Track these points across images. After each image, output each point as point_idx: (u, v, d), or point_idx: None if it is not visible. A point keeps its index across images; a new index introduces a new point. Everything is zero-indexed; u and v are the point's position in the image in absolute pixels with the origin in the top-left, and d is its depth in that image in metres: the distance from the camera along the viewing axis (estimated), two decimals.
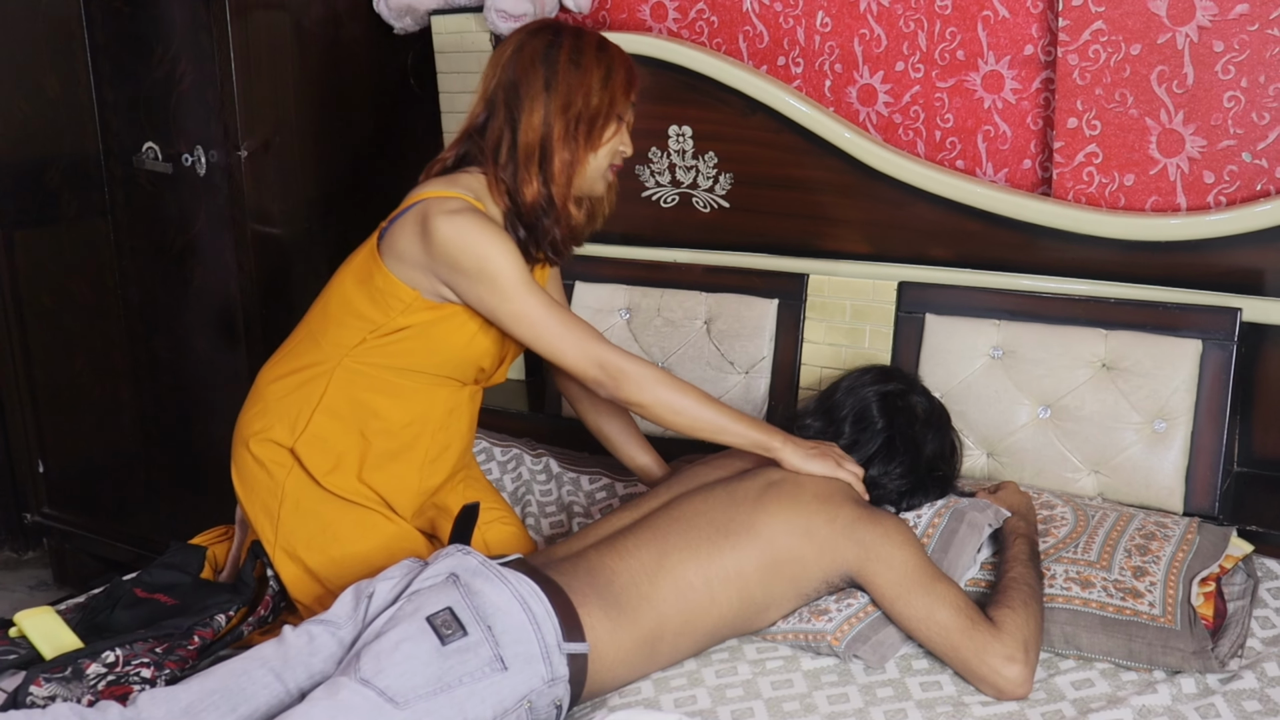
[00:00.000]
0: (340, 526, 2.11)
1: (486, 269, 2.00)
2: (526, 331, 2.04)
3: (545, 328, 2.03)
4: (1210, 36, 2.24)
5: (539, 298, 2.03)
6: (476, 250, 2.00)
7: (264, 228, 3.05)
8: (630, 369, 2.02)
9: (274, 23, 2.99)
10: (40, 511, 3.58)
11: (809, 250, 2.63)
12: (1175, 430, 2.23)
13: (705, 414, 2.03)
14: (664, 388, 2.02)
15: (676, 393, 2.03)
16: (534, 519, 2.47)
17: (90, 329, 3.45)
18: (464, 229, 2.00)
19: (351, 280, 2.13)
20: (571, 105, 2.05)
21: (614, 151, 2.13)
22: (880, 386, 2.15)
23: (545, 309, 2.02)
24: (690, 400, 2.03)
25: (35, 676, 1.83)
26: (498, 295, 2.02)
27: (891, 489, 2.08)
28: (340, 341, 2.11)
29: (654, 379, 2.03)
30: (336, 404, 2.11)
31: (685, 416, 2.03)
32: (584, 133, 2.07)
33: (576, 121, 2.06)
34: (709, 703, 1.78)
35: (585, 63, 2.07)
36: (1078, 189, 2.41)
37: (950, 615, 1.82)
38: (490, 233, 2.01)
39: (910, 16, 2.56)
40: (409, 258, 2.05)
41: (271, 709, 1.73)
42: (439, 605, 1.72)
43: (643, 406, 2.03)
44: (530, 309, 2.02)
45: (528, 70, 2.06)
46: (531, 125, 2.06)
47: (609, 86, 2.08)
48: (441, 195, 2.05)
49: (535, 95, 2.06)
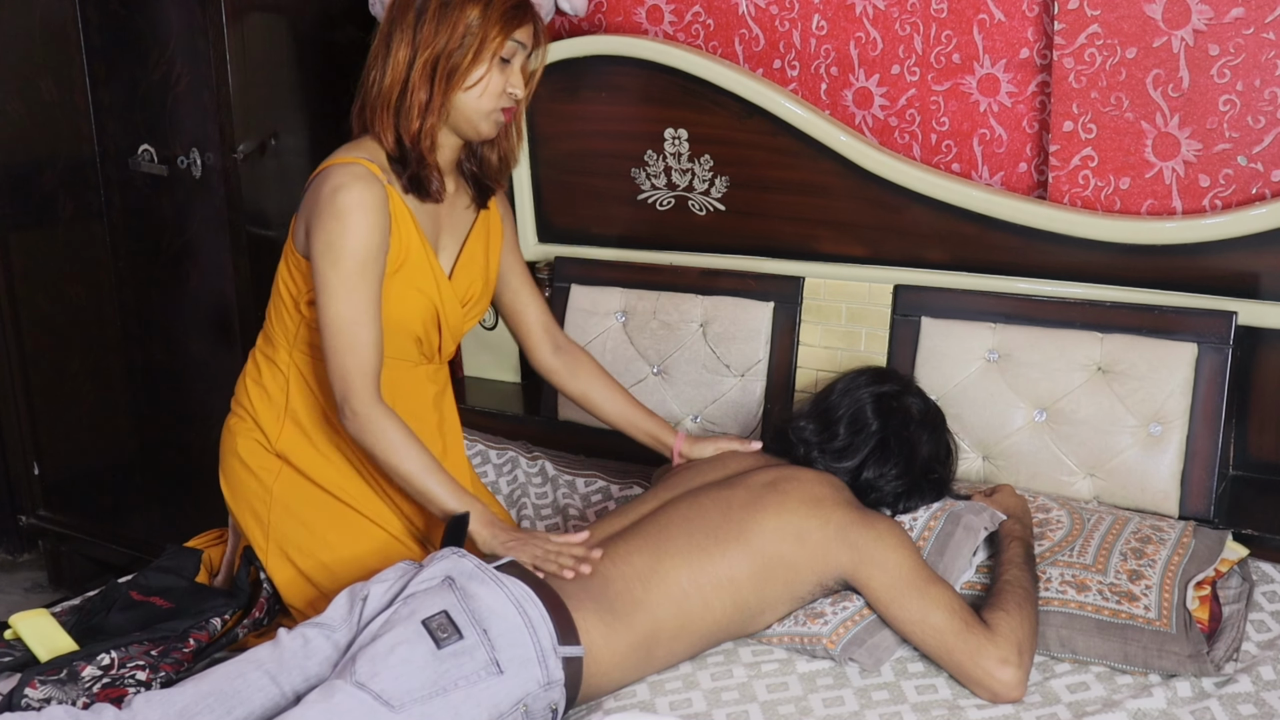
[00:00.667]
0: (330, 532, 2.11)
1: (329, 250, 1.97)
2: (321, 327, 2.00)
3: (334, 334, 1.98)
4: (1206, 40, 2.24)
5: (348, 306, 1.97)
6: (332, 226, 1.97)
7: (260, 230, 3.05)
8: (367, 414, 1.97)
9: (270, 25, 2.99)
10: (35, 514, 3.58)
11: (805, 253, 2.63)
12: (1171, 434, 2.23)
13: (420, 480, 1.97)
14: (392, 445, 1.97)
15: (399, 454, 1.97)
16: (529, 522, 2.47)
17: (86, 331, 3.44)
18: (338, 202, 1.97)
19: (281, 264, 2.14)
20: (432, 45, 2.02)
21: (499, 93, 2.07)
22: (875, 388, 2.15)
23: (346, 318, 1.98)
24: (412, 462, 1.97)
25: (30, 679, 1.82)
26: (321, 280, 1.98)
27: (887, 491, 2.07)
28: (284, 331, 2.13)
29: (385, 431, 1.97)
30: (301, 404, 2.13)
31: (398, 474, 1.99)
32: (445, 73, 2.03)
33: (437, 61, 2.02)
34: (704, 706, 1.78)
35: (457, 1, 2.03)
36: (1073, 192, 2.42)
37: (944, 618, 1.82)
38: (360, 215, 1.97)
39: (906, 20, 2.56)
40: (303, 224, 2.05)
41: (266, 712, 1.72)
42: (434, 608, 1.72)
43: (367, 453, 2.01)
44: (334, 309, 1.98)
45: (404, 11, 2.04)
46: (396, 64, 2.03)
47: (483, 23, 2.02)
48: (340, 162, 2.04)
49: (403, 37, 2.03)
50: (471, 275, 2.20)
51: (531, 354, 2.39)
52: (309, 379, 2.13)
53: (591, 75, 2.74)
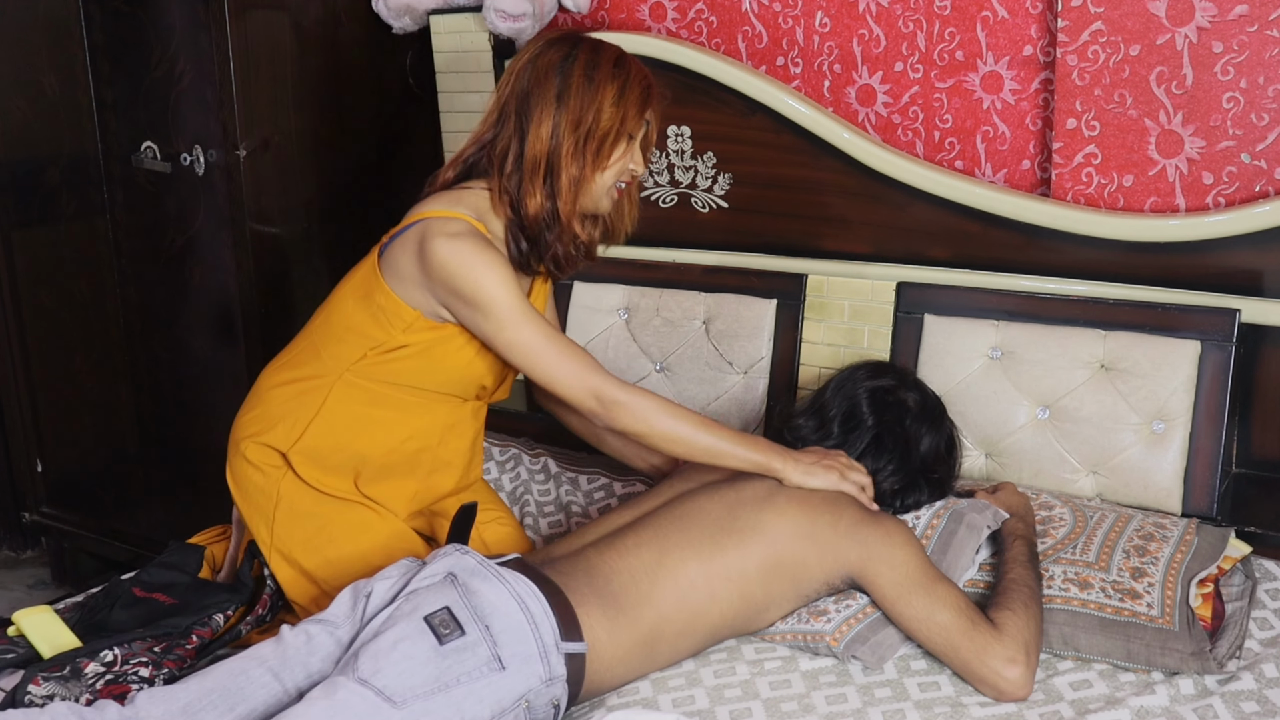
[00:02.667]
0: (335, 528, 2.11)
1: (481, 297, 1.98)
2: (522, 360, 2.01)
3: (541, 357, 2.00)
4: (1209, 37, 2.24)
5: (535, 326, 2.00)
6: (472, 276, 1.97)
7: (263, 227, 3.05)
8: (626, 399, 1.99)
9: (273, 22, 2.99)
10: (39, 510, 3.58)
11: (808, 250, 2.63)
12: (1174, 431, 2.23)
13: (703, 440, 2.00)
14: (660, 416, 1.99)
15: (674, 419, 2.00)
16: (532, 519, 2.47)
17: (89, 328, 3.44)
18: (461, 253, 1.97)
19: (353, 297, 2.12)
20: (582, 122, 2.03)
21: (622, 170, 2.10)
22: (870, 382, 2.13)
23: (542, 338, 2.00)
24: (688, 427, 2.00)
25: (34, 675, 1.83)
26: (493, 323, 2.00)
27: (884, 487, 2.06)
28: (340, 356, 2.10)
29: (650, 408, 2.00)
30: (334, 416, 2.11)
31: (683, 444, 2.00)
32: (593, 150, 2.04)
33: (586, 138, 2.03)
34: (707, 703, 1.78)
35: (599, 78, 2.04)
36: (1076, 190, 2.41)
37: (951, 616, 1.82)
38: (487, 259, 1.99)
39: (909, 17, 2.56)
40: (408, 277, 2.04)
41: (269, 708, 1.72)
42: (437, 605, 1.72)
43: (640, 436, 2.01)
44: (526, 338, 2.00)
45: (541, 81, 2.04)
46: (540, 137, 2.03)
47: (621, 104, 2.05)
48: (442, 215, 2.03)
49: (546, 107, 2.03)
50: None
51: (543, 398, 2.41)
52: (352, 399, 2.11)
53: None
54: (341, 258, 2.18)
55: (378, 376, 2.10)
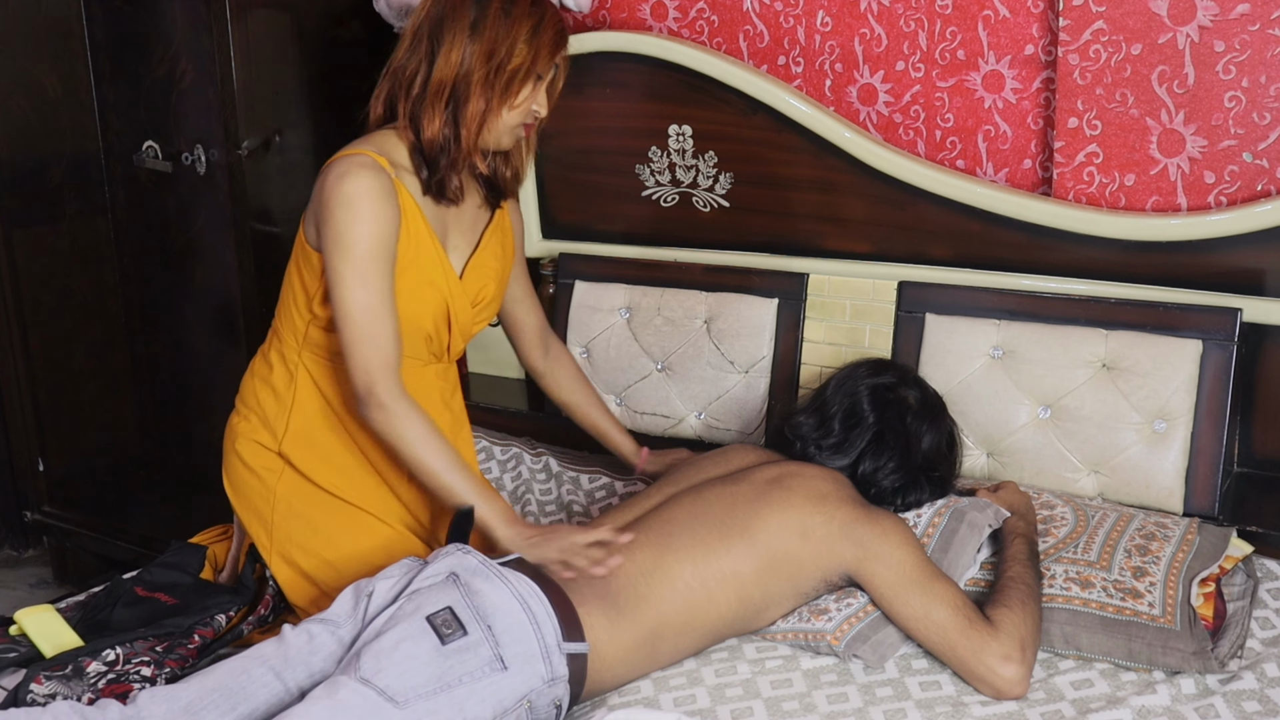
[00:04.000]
0: (334, 529, 2.11)
1: (339, 241, 1.95)
2: (338, 319, 1.97)
3: (352, 325, 1.96)
4: (1211, 36, 2.24)
5: (363, 294, 1.95)
6: (340, 215, 1.95)
7: (264, 226, 3.05)
8: (393, 407, 1.95)
9: (274, 21, 2.99)
10: (40, 510, 3.58)
11: (809, 250, 2.63)
12: (1175, 430, 2.23)
13: (443, 479, 1.95)
14: (414, 439, 1.95)
15: (423, 448, 1.95)
16: (534, 518, 2.47)
17: (90, 327, 3.45)
18: (343, 192, 1.96)
19: (291, 261, 2.14)
20: (494, 54, 2.01)
21: (528, 111, 2.08)
22: (871, 380, 2.13)
23: (361, 308, 1.96)
24: (435, 460, 1.95)
25: (36, 674, 1.83)
26: (335, 273, 1.96)
27: (885, 486, 2.07)
28: (293, 330, 2.12)
29: (409, 427, 1.95)
30: (308, 404, 2.12)
31: (421, 469, 1.97)
32: (502, 84, 2.03)
33: (496, 71, 2.02)
34: (708, 702, 1.78)
35: (516, 13, 2.02)
36: (1078, 189, 2.41)
37: (948, 614, 1.82)
38: (366, 203, 1.95)
39: (911, 16, 2.55)
40: (311, 216, 2.04)
41: (271, 708, 1.73)
42: (439, 604, 1.72)
43: (386, 445, 1.99)
44: (350, 299, 1.96)
45: (457, 8, 2.02)
46: (449, 62, 2.01)
47: (535, 42, 2.03)
48: (347, 154, 2.03)
49: (459, 34, 2.01)
50: (484, 278, 2.19)
51: (524, 355, 2.47)
52: (316, 379, 2.13)
53: (596, 72, 2.74)
54: None
55: (327, 347, 2.10)
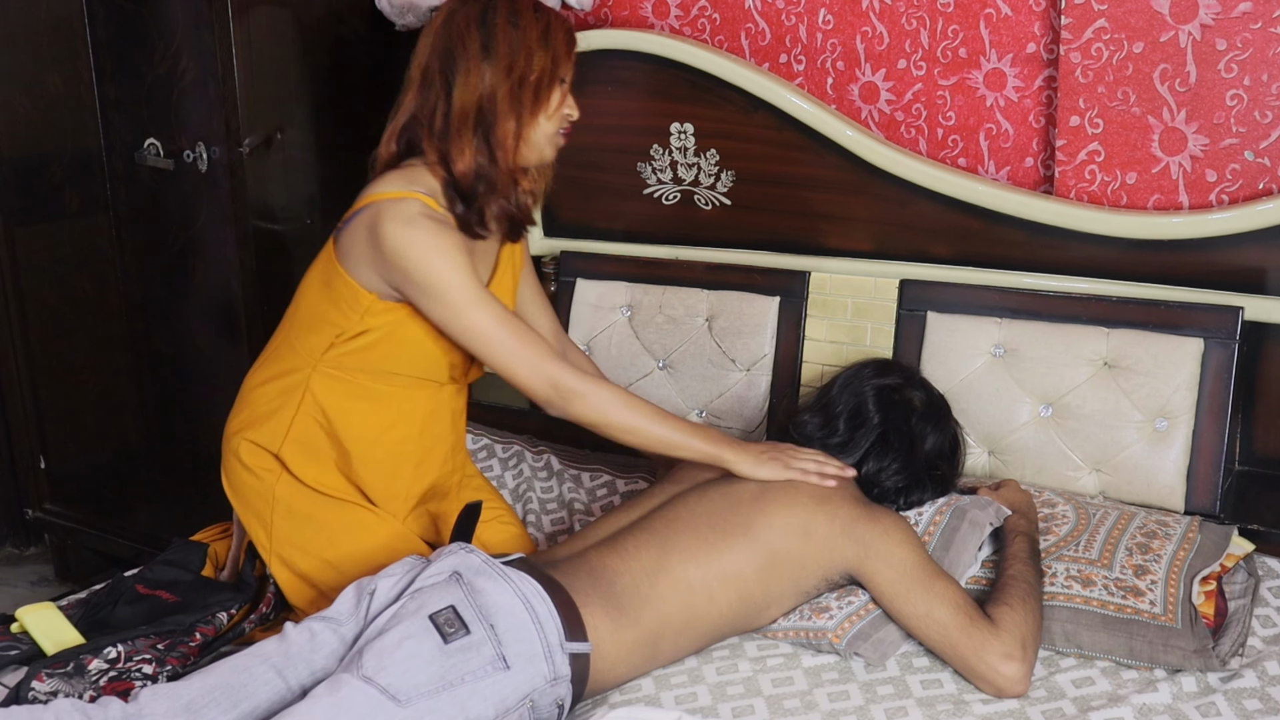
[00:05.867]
0: (335, 529, 2.11)
1: (434, 282, 1.95)
2: (479, 347, 1.99)
3: (497, 343, 1.98)
4: (1213, 34, 2.24)
5: (489, 311, 1.97)
6: (424, 262, 1.95)
7: (266, 224, 3.05)
8: (583, 389, 1.99)
9: (276, 19, 2.99)
10: (42, 507, 3.59)
11: (811, 248, 2.63)
12: (1177, 429, 2.23)
13: (656, 431, 2.00)
14: (617, 408, 2.00)
15: (630, 411, 2.00)
16: (535, 516, 2.47)
17: (92, 325, 3.44)
18: (414, 241, 1.95)
19: (316, 284, 2.10)
20: (514, 67, 1.99)
21: (563, 116, 2.07)
22: (877, 380, 2.14)
23: (496, 324, 1.98)
24: (643, 419, 2.00)
25: (37, 672, 1.83)
26: (448, 310, 1.97)
27: (889, 486, 2.07)
28: (312, 346, 2.09)
29: (607, 399, 2.00)
30: (315, 415, 2.10)
31: (638, 436, 2.01)
32: (530, 96, 2.01)
33: (520, 84, 2.00)
34: (710, 700, 1.78)
35: (523, 24, 2.01)
36: (1080, 187, 2.41)
37: (949, 613, 1.82)
38: (440, 243, 1.96)
39: (912, 14, 2.55)
40: (362, 259, 2.01)
41: (273, 706, 1.73)
42: (442, 603, 1.72)
43: (595, 426, 2.01)
44: (481, 325, 1.97)
45: (462, 36, 2.00)
46: (468, 88, 1.99)
47: (550, 46, 2.02)
48: (394, 196, 2.00)
49: (472, 59, 1.99)
50: (503, 298, 2.19)
51: None
52: (335, 388, 2.10)
53: (597, 70, 2.74)
54: None
55: (349, 365, 2.08)
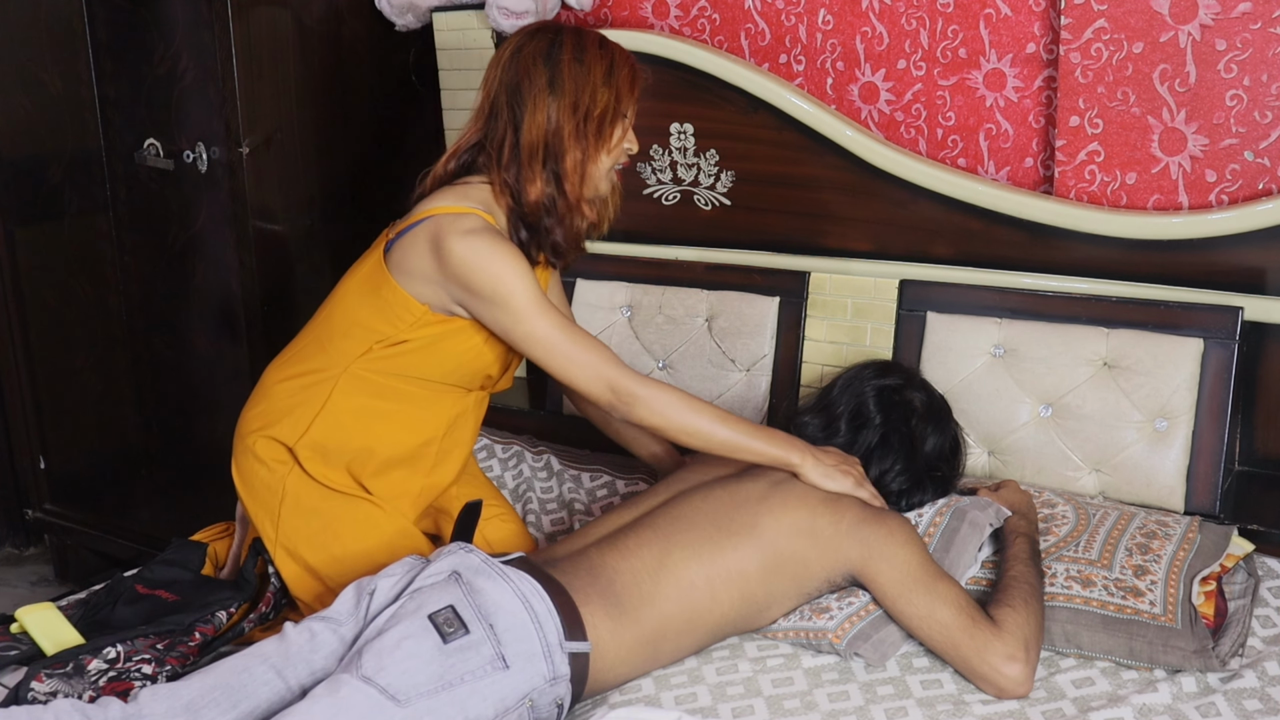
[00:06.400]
0: (341, 524, 2.11)
1: (500, 291, 1.99)
2: (540, 353, 2.02)
3: (559, 350, 2.01)
4: (1212, 35, 2.24)
5: (551, 319, 2.01)
6: (491, 271, 1.99)
7: (265, 224, 3.05)
8: (643, 393, 2.00)
9: (276, 19, 2.99)
10: (41, 507, 3.58)
11: (810, 248, 2.63)
12: (1176, 429, 2.23)
13: (721, 434, 2.00)
14: (678, 410, 2.00)
15: (692, 413, 2.00)
16: (535, 516, 2.47)
17: (91, 325, 3.44)
18: (479, 251, 1.98)
19: (358, 292, 2.12)
20: (579, 104, 2.04)
21: (622, 151, 2.12)
22: (878, 381, 2.14)
23: (558, 331, 2.01)
24: (706, 421, 2.00)
25: (37, 672, 1.83)
26: (511, 317, 2.01)
27: (892, 488, 2.07)
28: (346, 350, 2.11)
29: (668, 402, 2.00)
30: (340, 410, 2.11)
31: (701, 438, 2.01)
32: (594, 131, 2.06)
33: (585, 119, 2.05)
34: (710, 700, 1.78)
35: (588, 60, 2.06)
36: (1079, 187, 2.41)
37: (951, 614, 1.82)
38: (504, 253, 2.00)
39: (912, 14, 2.55)
40: (420, 273, 2.04)
41: (272, 706, 1.73)
42: (441, 603, 1.72)
43: (657, 429, 2.02)
44: (543, 331, 2.01)
45: (530, 70, 2.05)
46: (536, 123, 2.04)
47: (614, 83, 2.07)
48: (454, 211, 2.04)
49: (539, 94, 2.04)
50: None
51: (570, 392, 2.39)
52: (365, 387, 2.11)
53: None
54: (344, 254, 2.19)
55: (383, 369, 2.10)
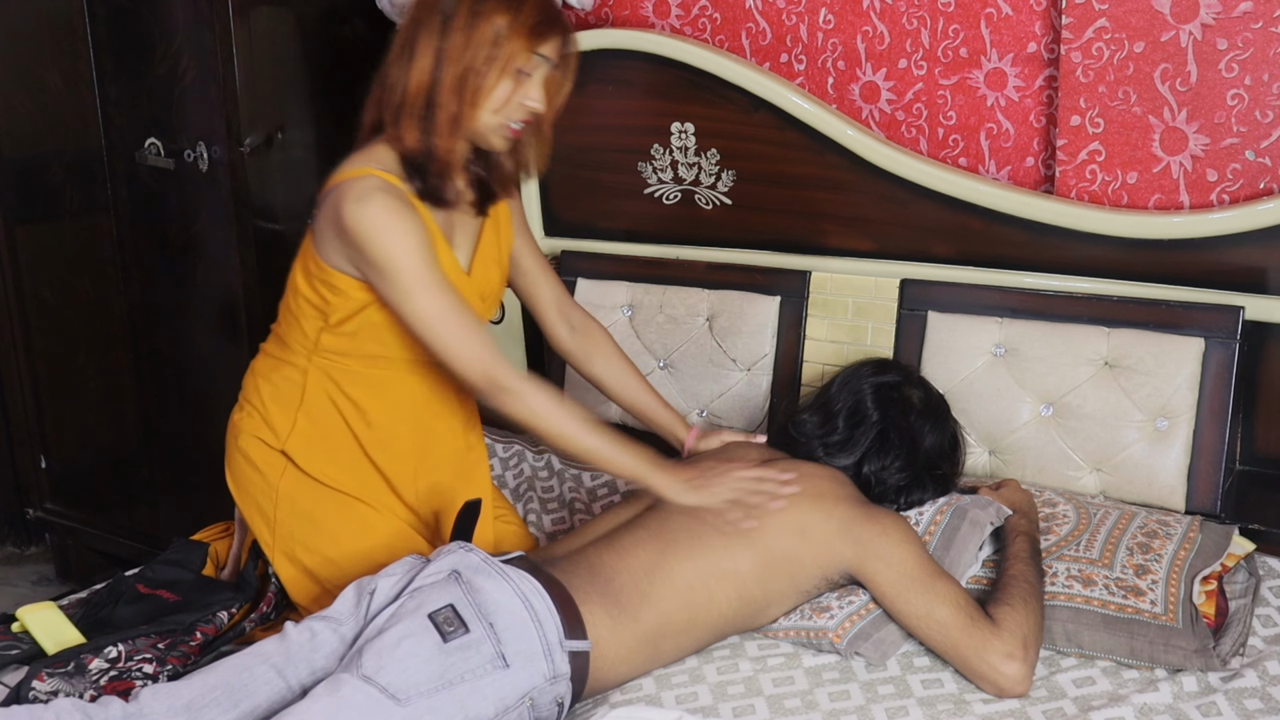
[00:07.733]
0: (337, 527, 2.11)
1: (386, 262, 1.93)
2: (422, 331, 1.96)
3: (440, 329, 1.95)
4: (1213, 34, 2.24)
5: (438, 297, 1.94)
6: (378, 240, 1.92)
7: (266, 224, 3.05)
8: (517, 387, 1.96)
9: (276, 18, 2.99)
10: (43, 507, 3.59)
11: (811, 247, 2.63)
12: (1177, 428, 2.23)
13: (585, 441, 1.96)
14: (547, 409, 1.96)
15: (560, 416, 1.96)
16: (536, 515, 2.47)
17: (92, 325, 3.44)
18: (368, 217, 1.92)
19: (299, 272, 2.10)
20: (461, 57, 1.96)
21: (517, 106, 2.01)
22: (876, 378, 2.14)
23: (443, 309, 1.94)
24: (572, 425, 1.96)
25: (38, 671, 1.83)
26: (398, 291, 1.94)
27: (890, 485, 2.07)
28: (304, 335, 2.09)
29: (539, 400, 1.96)
30: (316, 406, 2.11)
31: (564, 440, 1.97)
32: (471, 88, 1.97)
33: (464, 74, 1.96)
34: (710, 700, 1.78)
35: (485, 10, 1.96)
36: (1080, 187, 2.41)
37: (950, 613, 1.82)
38: (394, 222, 1.93)
39: (913, 14, 2.55)
40: (329, 242, 2.01)
41: (273, 705, 1.73)
42: (441, 602, 1.72)
43: (525, 425, 1.99)
44: (427, 310, 1.94)
45: (429, 14, 1.98)
46: (421, 69, 1.97)
47: (507, 38, 1.95)
48: (354, 175, 1.98)
49: (429, 38, 1.96)
50: (488, 269, 2.18)
51: (548, 335, 2.36)
52: (333, 377, 2.11)
53: (598, 69, 2.74)
54: None
55: (340, 351, 2.08)
